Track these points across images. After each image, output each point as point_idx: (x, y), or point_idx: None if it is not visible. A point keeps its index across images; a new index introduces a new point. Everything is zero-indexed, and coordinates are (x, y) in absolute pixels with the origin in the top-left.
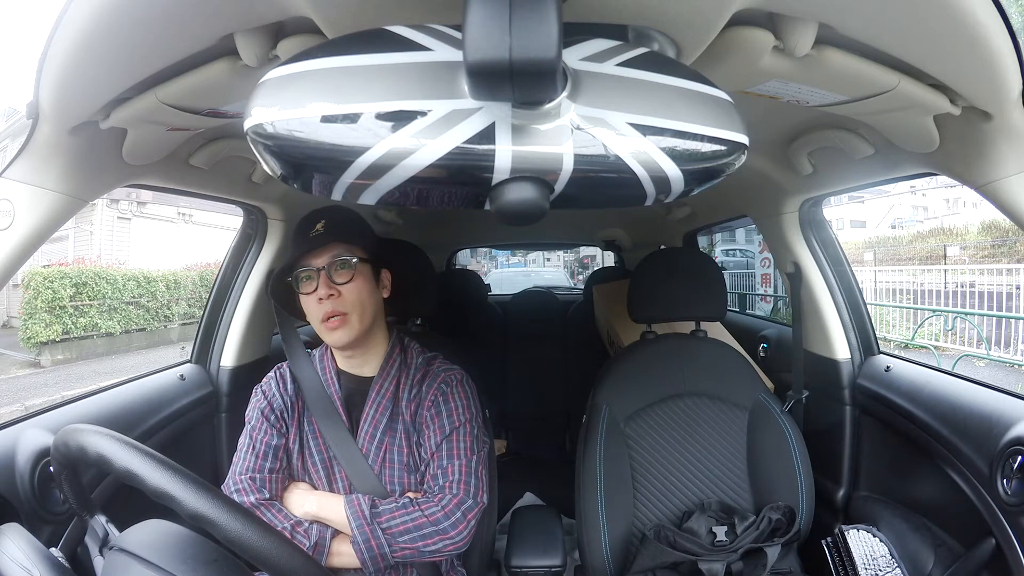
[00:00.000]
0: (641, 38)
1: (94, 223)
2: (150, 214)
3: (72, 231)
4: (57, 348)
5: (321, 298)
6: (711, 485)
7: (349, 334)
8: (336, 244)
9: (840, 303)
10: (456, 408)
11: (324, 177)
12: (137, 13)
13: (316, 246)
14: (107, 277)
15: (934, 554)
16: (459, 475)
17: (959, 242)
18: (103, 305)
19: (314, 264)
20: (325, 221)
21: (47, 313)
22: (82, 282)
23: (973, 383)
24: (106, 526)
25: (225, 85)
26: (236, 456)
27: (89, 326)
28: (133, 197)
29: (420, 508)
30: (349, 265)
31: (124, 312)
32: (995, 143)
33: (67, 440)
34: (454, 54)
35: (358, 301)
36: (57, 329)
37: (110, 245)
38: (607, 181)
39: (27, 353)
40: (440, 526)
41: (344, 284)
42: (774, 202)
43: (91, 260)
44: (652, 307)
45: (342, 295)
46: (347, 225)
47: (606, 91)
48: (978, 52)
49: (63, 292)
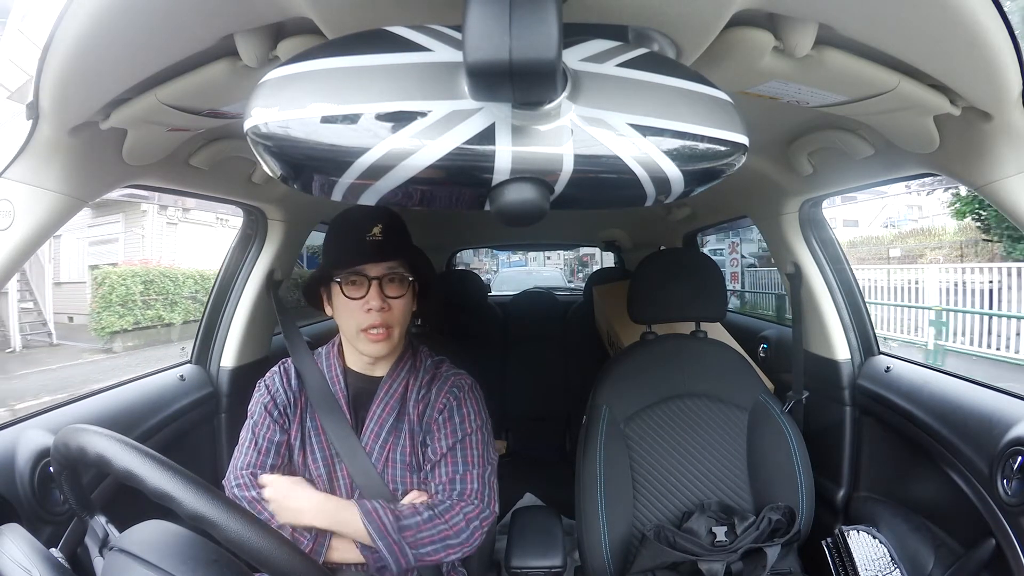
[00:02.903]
0: (641, 39)
1: (145, 227)
2: (194, 219)
3: (123, 235)
4: (128, 336)
5: (371, 308)
6: (711, 485)
7: (390, 346)
8: (396, 258)
9: (840, 303)
10: (468, 415)
11: (324, 178)
12: (137, 13)
13: (375, 256)
14: (170, 275)
15: (934, 554)
16: (476, 484)
17: (935, 242)
18: (166, 299)
19: (369, 272)
20: (383, 227)
21: (120, 306)
22: (149, 279)
23: (973, 383)
24: (106, 527)
25: (225, 85)
26: (237, 450)
27: (155, 317)
28: (179, 204)
29: (444, 520)
30: (405, 281)
31: (183, 305)
32: (995, 143)
33: (67, 440)
34: (454, 54)
35: (404, 316)
36: (129, 320)
37: (160, 247)
38: (607, 182)
39: (96, 343)
40: (461, 537)
41: (395, 299)
42: (774, 202)
43: (155, 261)
44: (652, 308)
45: (391, 309)
46: (404, 237)
47: (606, 92)
48: (978, 52)
49: (135, 288)
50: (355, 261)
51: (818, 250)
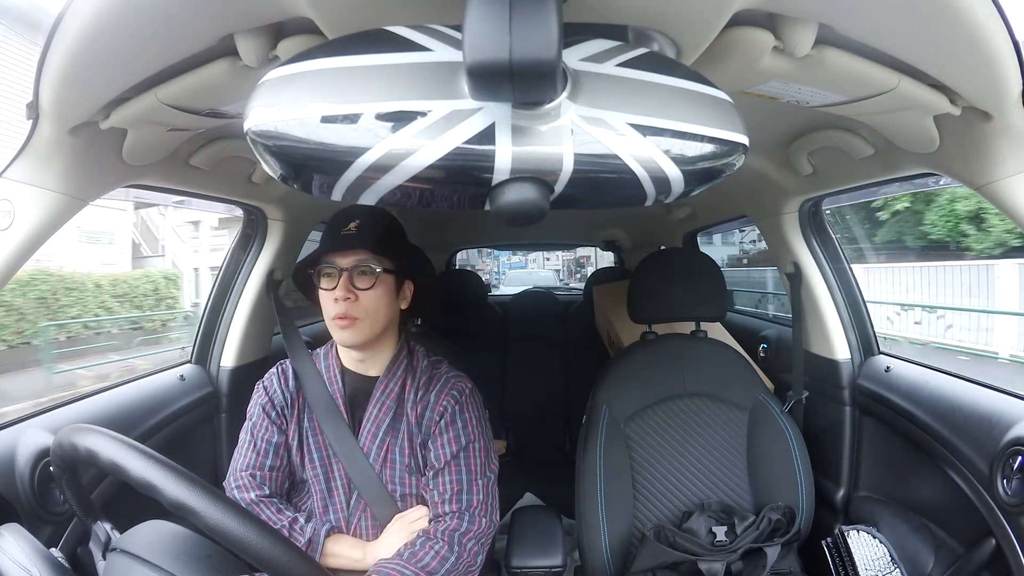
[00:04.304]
0: (641, 38)
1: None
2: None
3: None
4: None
5: (337, 299)
6: (711, 485)
7: (356, 336)
8: (365, 250)
9: (840, 303)
10: (469, 420)
11: (324, 177)
12: (137, 13)
13: (344, 247)
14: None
15: (934, 554)
16: (481, 496)
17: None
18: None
19: (339, 264)
20: (359, 222)
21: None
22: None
23: (973, 383)
24: (110, 532)
25: (225, 85)
26: (236, 452)
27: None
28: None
29: (462, 546)
30: (372, 272)
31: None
32: (995, 143)
33: (68, 441)
34: (454, 54)
35: (373, 309)
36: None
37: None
38: (607, 181)
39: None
40: (473, 552)
41: (364, 290)
42: (774, 202)
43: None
44: (652, 307)
45: (359, 300)
46: (380, 231)
47: (606, 91)
48: (978, 52)
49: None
50: (327, 253)
51: (818, 250)
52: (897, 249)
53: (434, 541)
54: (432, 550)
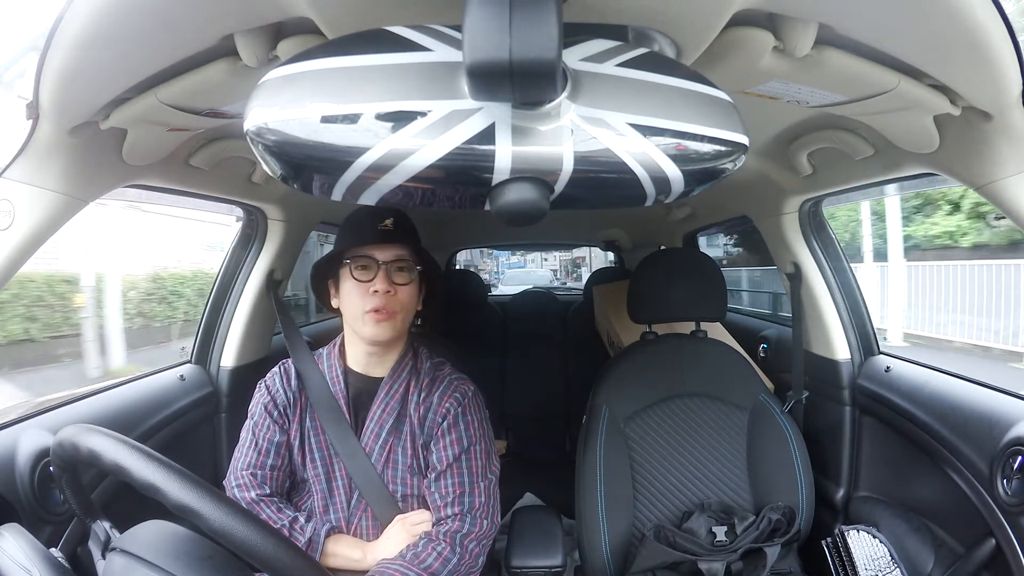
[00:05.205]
0: (641, 38)
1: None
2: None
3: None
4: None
5: (377, 290)
6: (711, 485)
7: (390, 331)
8: (404, 246)
9: (840, 303)
10: (472, 423)
11: (324, 177)
12: (137, 13)
13: (385, 240)
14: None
15: (934, 555)
16: (483, 498)
17: None
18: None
19: (378, 257)
20: (395, 220)
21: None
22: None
23: (973, 383)
24: (110, 532)
25: (225, 85)
26: (237, 451)
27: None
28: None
29: (464, 547)
30: (412, 269)
31: None
32: (995, 143)
33: (69, 441)
34: (454, 54)
35: (408, 305)
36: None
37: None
38: (607, 181)
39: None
40: (475, 553)
41: (402, 285)
42: (774, 202)
43: None
44: (652, 307)
45: (396, 294)
46: (412, 231)
47: (606, 91)
48: (978, 52)
49: None
50: (367, 244)
51: (818, 250)
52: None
53: (436, 542)
54: (434, 551)
